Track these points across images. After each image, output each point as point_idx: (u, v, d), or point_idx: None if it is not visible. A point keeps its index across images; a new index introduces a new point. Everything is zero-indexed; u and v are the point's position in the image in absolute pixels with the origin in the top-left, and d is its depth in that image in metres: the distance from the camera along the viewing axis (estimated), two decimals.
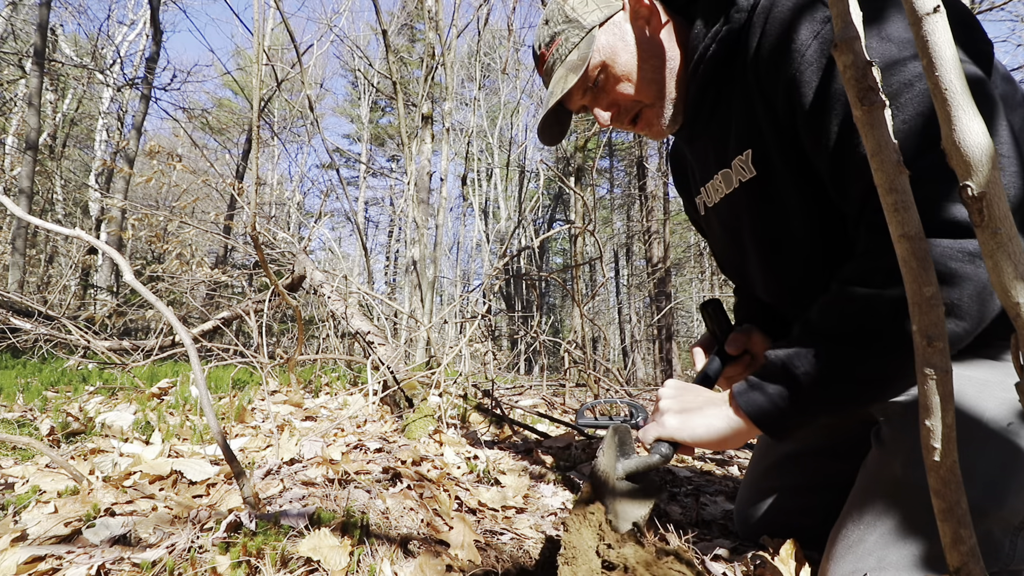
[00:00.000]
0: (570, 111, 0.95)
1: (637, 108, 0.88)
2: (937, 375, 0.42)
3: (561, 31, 0.86)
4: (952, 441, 0.42)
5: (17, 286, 5.88)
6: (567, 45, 0.85)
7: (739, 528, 1.07)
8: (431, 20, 4.36)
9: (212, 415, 0.81)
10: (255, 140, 1.30)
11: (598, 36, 0.83)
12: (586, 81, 0.86)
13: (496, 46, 15.18)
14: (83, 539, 0.79)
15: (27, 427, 1.52)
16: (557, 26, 0.86)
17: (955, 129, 0.38)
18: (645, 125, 0.90)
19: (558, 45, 0.86)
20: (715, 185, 0.91)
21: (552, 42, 0.87)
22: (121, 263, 0.92)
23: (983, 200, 0.38)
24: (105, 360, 2.99)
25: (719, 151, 0.87)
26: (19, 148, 8.65)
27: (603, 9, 0.84)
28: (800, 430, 0.73)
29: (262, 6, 3.46)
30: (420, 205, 4.30)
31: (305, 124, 13.63)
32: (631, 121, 0.90)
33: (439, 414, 1.67)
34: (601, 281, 5.04)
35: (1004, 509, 0.65)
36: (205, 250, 9.84)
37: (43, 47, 6.56)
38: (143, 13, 11.50)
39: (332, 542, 0.79)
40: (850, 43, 0.42)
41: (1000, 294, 0.39)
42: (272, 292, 2.65)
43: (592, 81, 0.86)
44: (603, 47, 0.83)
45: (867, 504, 0.74)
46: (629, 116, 0.89)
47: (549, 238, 17.83)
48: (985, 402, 0.70)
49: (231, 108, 15.64)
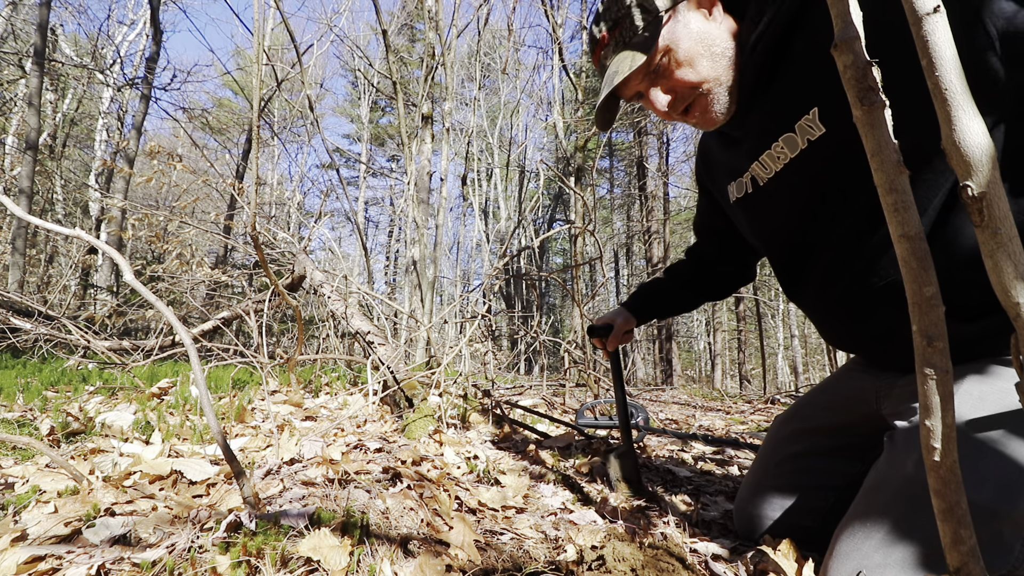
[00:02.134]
0: (618, 98, 0.96)
1: (693, 96, 0.90)
2: (937, 375, 0.42)
3: (628, 13, 0.87)
4: (952, 441, 0.42)
5: (17, 286, 5.88)
6: (633, 28, 0.87)
7: (739, 528, 1.07)
8: (431, 20, 4.36)
9: (212, 415, 0.81)
10: (255, 140, 1.30)
11: (663, 21, 0.85)
12: (649, 64, 0.87)
13: (496, 46, 15.18)
14: (83, 539, 0.79)
15: (27, 427, 1.52)
16: (623, 8, 0.88)
17: (955, 129, 0.38)
18: (699, 112, 0.91)
19: (623, 28, 0.88)
20: (775, 154, 0.91)
21: (616, 26, 0.89)
22: (121, 263, 0.92)
23: (983, 200, 0.38)
24: (105, 360, 2.99)
25: (779, 119, 0.88)
26: (19, 148, 8.65)
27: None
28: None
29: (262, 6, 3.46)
30: (420, 205, 4.30)
31: (305, 124, 13.63)
32: (684, 109, 0.92)
33: (439, 414, 1.67)
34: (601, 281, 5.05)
35: (1016, 511, 0.64)
36: (205, 250, 9.84)
37: (43, 47, 6.56)
38: (143, 13, 11.50)
39: (332, 542, 0.79)
40: (850, 43, 0.42)
41: (1000, 294, 0.39)
42: (272, 292, 2.65)
43: (654, 66, 0.87)
44: (668, 32, 0.85)
45: (875, 502, 0.73)
46: (684, 103, 0.91)
47: (549, 238, 17.83)
48: (1001, 404, 0.70)
49: (231, 108, 15.64)
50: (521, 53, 14.05)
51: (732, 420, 3.03)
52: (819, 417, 1.08)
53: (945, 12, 0.38)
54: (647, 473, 1.51)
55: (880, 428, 0.90)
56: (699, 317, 18.25)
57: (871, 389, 0.95)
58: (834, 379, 1.11)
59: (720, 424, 2.81)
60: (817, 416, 1.08)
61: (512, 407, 2.23)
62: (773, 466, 1.09)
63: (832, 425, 1.05)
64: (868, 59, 0.42)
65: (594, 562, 0.84)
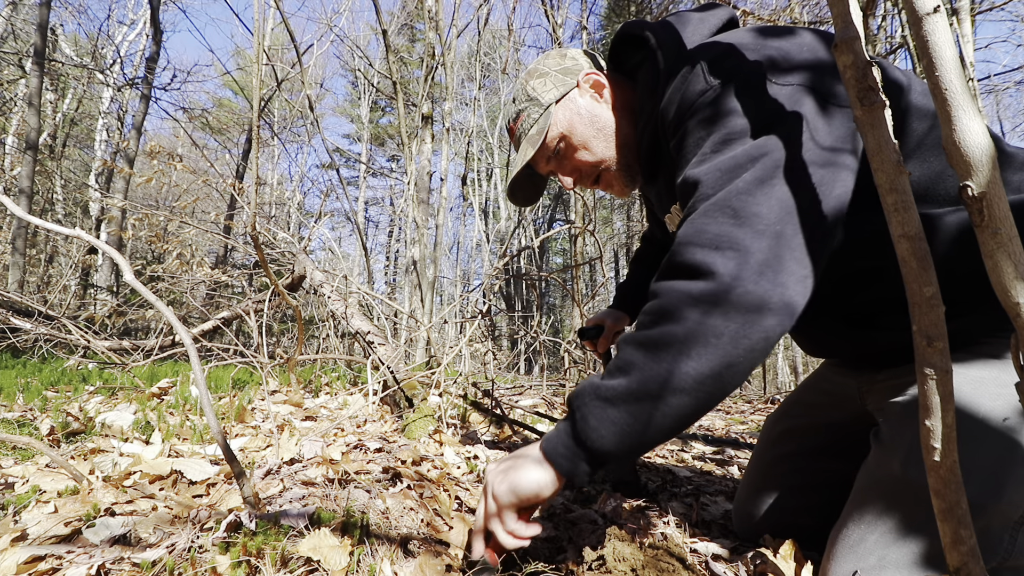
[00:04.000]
0: (543, 175, 1.04)
1: (596, 172, 0.98)
2: (937, 375, 0.42)
3: (524, 108, 0.96)
4: (952, 441, 0.42)
5: (17, 286, 5.88)
6: (529, 120, 0.95)
7: (737, 527, 1.07)
8: (431, 20, 4.36)
9: (212, 415, 0.81)
10: (255, 140, 1.30)
11: (555, 111, 0.93)
12: (546, 151, 0.96)
13: (496, 46, 15.18)
14: (83, 539, 0.79)
15: (27, 427, 1.52)
16: (521, 104, 0.97)
17: (955, 129, 0.38)
18: (606, 185, 1.00)
19: (522, 120, 0.97)
20: (670, 219, 1.01)
21: (517, 118, 0.98)
22: (121, 263, 0.92)
23: (983, 200, 0.38)
24: (105, 360, 2.99)
25: (663, 198, 0.98)
26: (19, 148, 8.65)
27: (559, 87, 0.94)
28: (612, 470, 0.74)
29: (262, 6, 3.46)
30: (420, 205, 4.30)
31: (305, 124, 13.62)
32: (593, 182, 1.00)
33: (439, 414, 1.67)
34: (601, 281, 5.04)
35: (1002, 503, 0.65)
36: (205, 250, 9.84)
37: (43, 47, 6.56)
38: (143, 13, 11.51)
39: (332, 542, 0.79)
40: (850, 43, 0.42)
41: (1000, 294, 0.39)
42: (272, 292, 2.65)
43: (553, 151, 0.95)
44: (560, 121, 0.93)
45: (867, 503, 0.74)
46: (591, 179, 0.99)
47: (549, 238, 17.83)
48: (981, 399, 0.71)
49: (231, 108, 15.64)
50: (521, 53, 14.04)
51: (732, 420, 3.03)
52: (808, 415, 1.09)
53: (944, 12, 0.38)
54: (647, 473, 1.51)
55: (869, 423, 0.91)
56: None
57: (853, 385, 0.97)
58: (818, 376, 1.13)
59: (720, 424, 2.81)
60: (806, 414, 1.09)
61: (512, 407, 2.23)
62: (767, 466, 1.09)
63: (821, 423, 1.06)
64: (868, 59, 0.42)
65: (594, 562, 0.84)
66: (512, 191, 1.05)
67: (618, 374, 0.66)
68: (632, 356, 0.65)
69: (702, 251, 0.63)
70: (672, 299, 0.64)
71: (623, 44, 0.96)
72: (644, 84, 0.88)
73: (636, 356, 0.65)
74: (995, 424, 0.69)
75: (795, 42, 0.73)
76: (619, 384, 0.65)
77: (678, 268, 0.66)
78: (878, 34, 3.63)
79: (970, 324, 0.75)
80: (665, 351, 0.63)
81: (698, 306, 0.61)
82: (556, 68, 0.95)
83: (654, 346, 0.64)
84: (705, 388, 0.62)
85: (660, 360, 0.63)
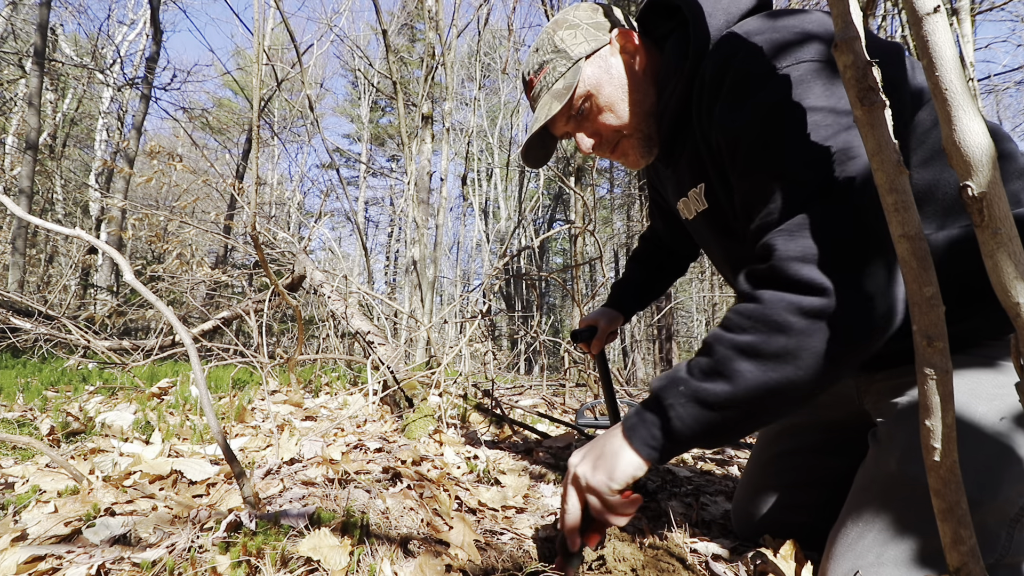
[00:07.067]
0: (555, 136, 0.99)
1: (617, 138, 0.92)
2: (937, 375, 0.42)
3: (549, 60, 0.89)
4: (952, 441, 0.42)
5: (17, 286, 5.88)
6: (554, 74, 0.89)
7: (737, 526, 1.07)
8: (431, 20, 4.36)
9: (212, 415, 0.81)
10: (255, 140, 1.30)
11: (584, 67, 0.87)
12: (570, 109, 0.89)
13: (496, 46, 15.18)
14: (83, 539, 0.79)
15: (27, 427, 1.52)
16: (546, 55, 0.90)
17: (955, 129, 0.38)
18: (622, 154, 0.94)
19: (546, 73, 0.90)
20: (690, 201, 0.98)
21: (540, 70, 0.91)
22: (121, 263, 0.92)
23: (983, 200, 0.38)
24: (105, 360, 2.99)
25: (682, 181, 0.95)
26: (19, 148, 8.65)
27: (591, 42, 0.88)
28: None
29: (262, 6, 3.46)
30: (420, 205, 4.30)
31: (305, 124, 13.62)
32: (611, 150, 0.94)
33: (439, 414, 1.67)
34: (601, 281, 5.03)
35: (998, 500, 0.65)
36: (205, 250, 9.84)
37: (43, 47, 6.56)
38: (143, 13, 11.50)
39: (332, 542, 0.79)
40: (850, 43, 0.42)
41: (1000, 294, 0.39)
42: (272, 292, 2.65)
43: (576, 110, 0.89)
44: (589, 78, 0.87)
45: (865, 502, 0.74)
46: (610, 145, 0.93)
47: (549, 238, 17.83)
48: (977, 399, 0.71)
49: (231, 108, 15.64)
50: (521, 53, 14.04)
51: None
52: (807, 414, 1.09)
53: (944, 12, 0.38)
54: (647, 473, 1.51)
55: (867, 422, 0.91)
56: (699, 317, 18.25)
57: (851, 384, 0.97)
58: None
59: None
60: (805, 413, 1.09)
61: (512, 407, 2.23)
62: (765, 464, 1.09)
63: (820, 422, 1.06)
64: (868, 59, 0.42)
65: (594, 562, 0.84)
66: (527, 151, 0.99)
67: (719, 379, 0.67)
68: (736, 364, 0.66)
69: (808, 267, 0.62)
70: (779, 309, 0.64)
71: (653, 12, 0.92)
72: (673, 53, 0.85)
73: (742, 365, 0.65)
74: (992, 423, 0.69)
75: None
76: (721, 390, 0.66)
77: (784, 279, 0.65)
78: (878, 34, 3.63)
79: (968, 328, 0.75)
80: (773, 362, 0.64)
81: (808, 320, 0.62)
82: (588, 21, 0.89)
83: (759, 356, 0.64)
84: (799, 400, 0.66)
85: (768, 371, 0.64)
